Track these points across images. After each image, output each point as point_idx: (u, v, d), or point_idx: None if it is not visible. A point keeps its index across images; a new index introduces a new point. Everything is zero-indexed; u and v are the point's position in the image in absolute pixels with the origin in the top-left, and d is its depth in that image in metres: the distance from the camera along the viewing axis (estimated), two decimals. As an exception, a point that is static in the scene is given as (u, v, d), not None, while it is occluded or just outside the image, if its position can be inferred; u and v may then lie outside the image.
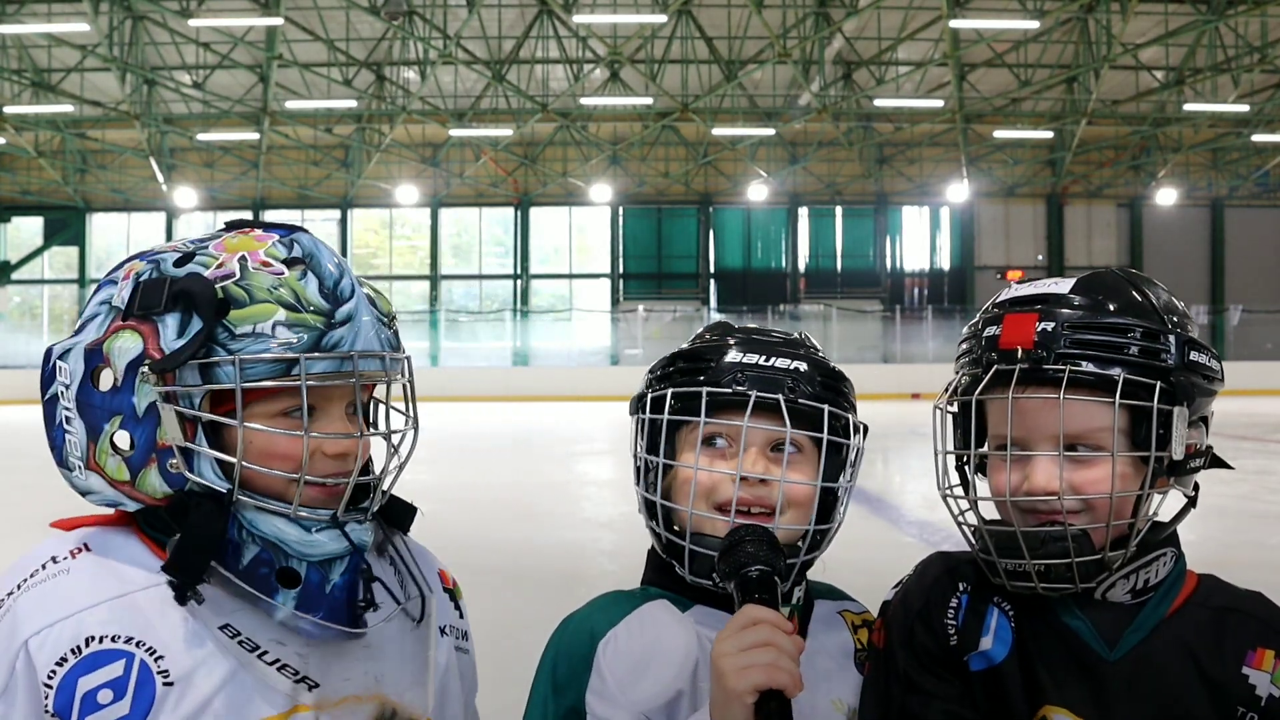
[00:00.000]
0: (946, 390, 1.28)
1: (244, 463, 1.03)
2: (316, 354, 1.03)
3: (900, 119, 27.12)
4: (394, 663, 1.13)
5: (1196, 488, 1.23)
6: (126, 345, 1.03)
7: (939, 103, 25.52)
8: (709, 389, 1.25)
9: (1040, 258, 31.04)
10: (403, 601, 1.15)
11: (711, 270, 31.44)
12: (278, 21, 21.14)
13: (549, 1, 21.40)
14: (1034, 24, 20.91)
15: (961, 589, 1.26)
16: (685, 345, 1.36)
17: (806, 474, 1.26)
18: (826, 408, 1.25)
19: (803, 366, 1.27)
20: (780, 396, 1.24)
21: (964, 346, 1.28)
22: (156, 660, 1.01)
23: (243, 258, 1.06)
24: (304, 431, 1.03)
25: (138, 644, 1.01)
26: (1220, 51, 23.05)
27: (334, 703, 1.08)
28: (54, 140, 27.80)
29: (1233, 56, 23.18)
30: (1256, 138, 26.60)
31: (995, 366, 1.18)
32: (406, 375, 1.17)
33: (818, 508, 1.26)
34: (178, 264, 1.06)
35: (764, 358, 1.27)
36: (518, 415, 20.28)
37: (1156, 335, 1.15)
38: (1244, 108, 24.64)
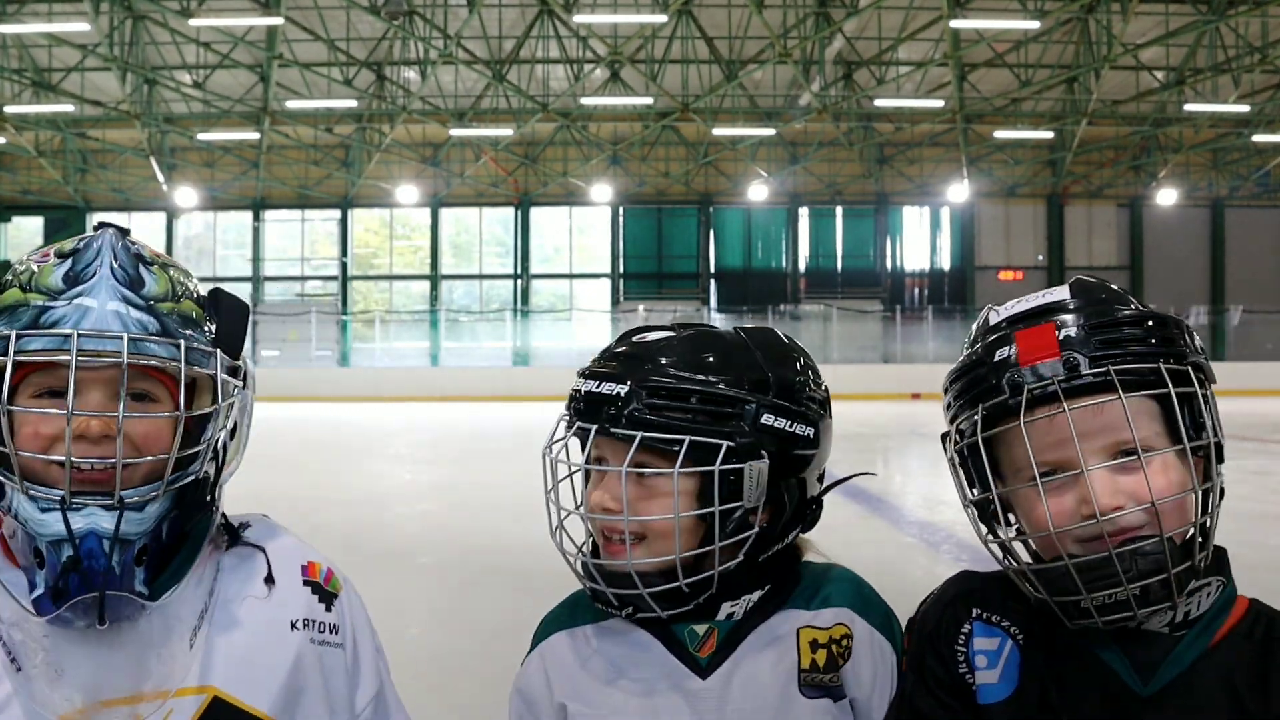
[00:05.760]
0: (952, 437, 1.15)
1: None
2: (32, 331, 1.03)
3: (900, 119, 27.11)
4: (115, 654, 1.08)
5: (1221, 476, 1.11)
6: None
7: (939, 103, 25.52)
8: (568, 423, 1.25)
9: (1040, 258, 31.04)
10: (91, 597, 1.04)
11: (712, 270, 31.45)
12: (278, 21, 21.16)
13: (549, 1, 21.41)
14: (1034, 24, 20.90)
15: (975, 614, 1.17)
16: None
17: (665, 501, 1.16)
18: (639, 435, 1.14)
19: (622, 390, 1.17)
20: (594, 427, 1.18)
21: (959, 385, 1.14)
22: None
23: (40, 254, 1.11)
24: (3, 405, 1.02)
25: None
26: (1220, 51, 23.07)
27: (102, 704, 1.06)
28: (54, 140, 27.82)
29: (1233, 56, 23.19)
30: (1257, 138, 26.61)
31: (1027, 388, 1.06)
32: (181, 361, 1.07)
33: (705, 530, 1.16)
34: None
35: (595, 384, 1.20)
36: (518, 415, 20.27)
37: (1165, 323, 1.09)
38: (1244, 108, 24.66)
